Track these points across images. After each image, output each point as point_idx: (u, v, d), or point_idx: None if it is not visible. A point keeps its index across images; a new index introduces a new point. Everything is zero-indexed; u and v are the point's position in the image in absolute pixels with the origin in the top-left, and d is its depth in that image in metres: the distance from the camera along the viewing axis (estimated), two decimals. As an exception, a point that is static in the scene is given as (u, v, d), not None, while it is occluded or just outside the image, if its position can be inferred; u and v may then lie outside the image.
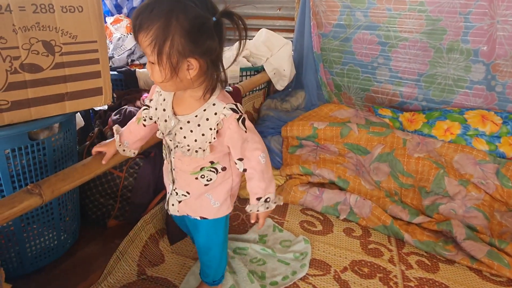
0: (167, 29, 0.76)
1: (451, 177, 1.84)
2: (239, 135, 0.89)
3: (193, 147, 0.91)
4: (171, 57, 0.79)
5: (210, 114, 0.88)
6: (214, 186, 1.01)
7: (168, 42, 0.77)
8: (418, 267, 1.52)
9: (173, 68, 0.80)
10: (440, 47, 2.24)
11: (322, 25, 2.52)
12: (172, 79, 0.82)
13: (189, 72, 0.82)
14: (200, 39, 0.78)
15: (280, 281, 1.40)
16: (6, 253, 1.18)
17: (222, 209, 1.08)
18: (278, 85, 2.44)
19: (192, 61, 0.81)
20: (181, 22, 0.76)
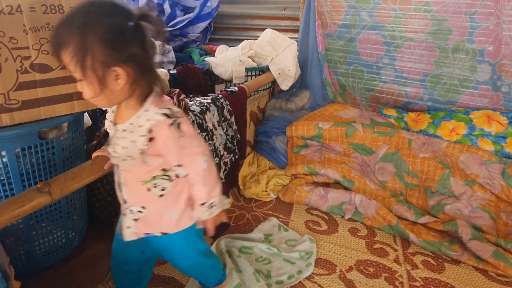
0: (85, 42, 0.75)
1: (456, 177, 1.84)
2: (172, 142, 0.85)
3: (123, 155, 0.87)
4: (96, 70, 0.77)
5: (143, 120, 0.84)
6: (169, 196, 0.95)
7: (88, 55, 0.75)
8: (423, 267, 1.52)
9: (100, 80, 0.78)
10: (445, 47, 2.23)
11: (327, 25, 2.52)
12: (103, 92, 0.80)
13: (118, 82, 0.80)
14: (121, 46, 0.77)
15: (286, 280, 1.41)
16: (16, 251, 1.19)
17: (184, 219, 0.98)
18: (283, 85, 2.44)
19: (118, 70, 0.78)
20: (98, 33, 0.75)
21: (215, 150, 1.68)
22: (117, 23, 0.76)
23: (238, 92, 1.91)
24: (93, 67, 0.76)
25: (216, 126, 1.69)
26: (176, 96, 1.60)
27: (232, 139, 1.82)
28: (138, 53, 0.79)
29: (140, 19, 0.78)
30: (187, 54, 2.47)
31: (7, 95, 1.00)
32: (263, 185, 1.97)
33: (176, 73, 1.98)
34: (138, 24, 0.78)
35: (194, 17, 2.68)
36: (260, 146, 2.23)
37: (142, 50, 0.80)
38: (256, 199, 1.96)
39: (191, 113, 1.54)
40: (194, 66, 2.11)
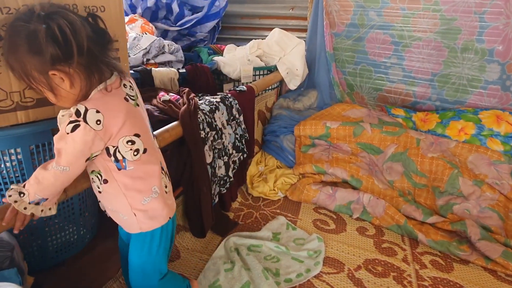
0: (15, 59, 0.80)
1: (465, 177, 1.83)
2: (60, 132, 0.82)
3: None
4: (37, 79, 0.81)
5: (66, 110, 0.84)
6: (106, 196, 0.93)
7: (25, 68, 0.80)
8: (432, 267, 1.52)
9: (48, 87, 0.82)
10: (454, 47, 2.23)
11: (335, 24, 2.53)
12: (57, 97, 0.84)
13: (64, 84, 0.81)
14: (42, 51, 0.77)
15: (294, 278, 1.42)
16: (29, 247, 1.21)
17: (132, 224, 0.95)
18: (291, 85, 2.45)
19: (56, 73, 0.79)
20: (20, 46, 0.78)
21: (224, 149, 1.69)
22: (31, 30, 0.77)
23: (247, 91, 1.92)
24: (34, 78, 0.81)
25: (225, 125, 1.70)
26: (186, 94, 1.61)
27: (240, 138, 1.83)
28: (58, 53, 0.77)
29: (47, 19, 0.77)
30: (196, 53, 2.49)
31: (22, 93, 1.02)
32: (271, 184, 1.98)
33: (185, 72, 2.00)
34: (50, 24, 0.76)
35: (202, 16, 2.69)
36: (268, 145, 2.24)
37: (64, 48, 0.78)
38: (264, 198, 1.97)
39: (201, 111, 1.55)
40: (203, 65, 2.12)
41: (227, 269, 1.43)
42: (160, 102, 1.59)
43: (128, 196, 0.91)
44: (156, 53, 2.11)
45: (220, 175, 1.67)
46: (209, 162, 1.56)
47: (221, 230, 1.67)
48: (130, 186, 0.91)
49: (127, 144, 0.87)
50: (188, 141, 1.45)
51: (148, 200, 0.93)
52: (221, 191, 1.71)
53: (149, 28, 2.43)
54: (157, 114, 1.52)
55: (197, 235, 1.61)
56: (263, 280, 1.36)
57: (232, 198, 1.88)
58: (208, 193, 1.55)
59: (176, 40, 2.67)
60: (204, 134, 1.53)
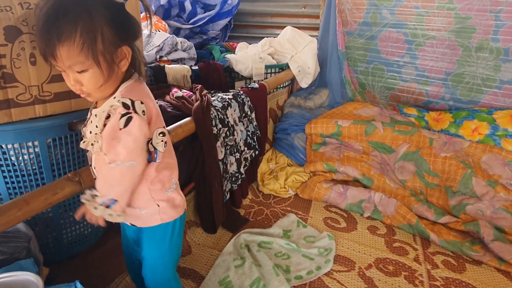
0: (93, 25, 0.72)
1: (479, 177, 1.81)
2: (112, 130, 0.78)
3: (89, 141, 0.83)
4: (106, 53, 0.75)
5: (106, 106, 0.80)
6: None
7: (99, 38, 0.73)
8: (444, 267, 1.51)
9: (110, 64, 0.76)
10: (468, 46, 2.20)
11: (347, 23, 2.51)
12: (110, 78, 0.78)
13: (122, 63, 0.79)
14: (124, 23, 0.76)
15: (305, 275, 1.42)
16: (44, 239, 1.23)
17: (151, 217, 0.93)
18: (303, 83, 2.44)
19: (125, 49, 0.78)
20: (103, 13, 0.73)
21: (236, 146, 1.69)
22: (114, 2, 0.76)
23: (259, 89, 1.92)
24: (104, 51, 0.74)
25: (237, 122, 1.71)
26: (198, 91, 1.62)
27: (252, 135, 1.84)
28: (138, 28, 0.79)
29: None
30: (208, 51, 2.50)
31: (41, 87, 1.04)
32: (282, 181, 1.98)
33: (198, 69, 2.01)
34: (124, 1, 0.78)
35: (214, 14, 2.70)
36: (278, 143, 2.24)
37: (137, 26, 0.80)
38: (274, 195, 1.97)
39: (213, 108, 1.56)
40: (216, 63, 2.13)
41: (237, 265, 1.43)
42: (173, 98, 1.60)
43: (151, 189, 0.89)
44: (169, 50, 2.12)
45: (231, 171, 1.68)
46: (221, 159, 1.57)
47: (232, 226, 1.68)
48: (155, 179, 0.89)
49: (159, 135, 0.87)
50: (200, 137, 1.46)
51: (170, 192, 0.94)
52: (232, 187, 1.72)
53: (162, 26, 2.45)
54: (170, 110, 1.53)
55: (208, 231, 1.62)
56: (274, 277, 1.36)
57: (243, 195, 1.88)
58: (220, 189, 1.56)
59: (188, 38, 2.69)
60: (217, 131, 1.54)
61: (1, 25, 0.95)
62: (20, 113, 1.03)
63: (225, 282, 1.36)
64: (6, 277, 0.84)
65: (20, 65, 0.99)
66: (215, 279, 1.38)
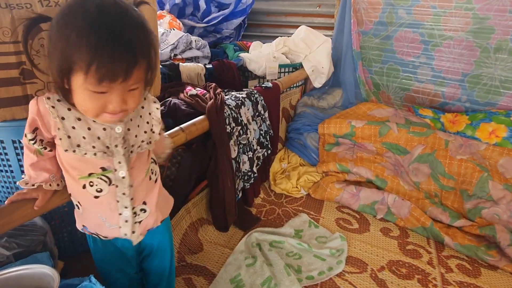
0: (151, 40, 0.71)
1: (495, 181, 1.78)
2: (160, 121, 0.89)
3: (146, 140, 0.85)
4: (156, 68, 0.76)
5: (147, 106, 0.85)
6: (158, 180, 0.93)
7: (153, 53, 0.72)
8: (458, 271, 1.48)
9: (150, 80, 0.76)
10: (487, 47, 2.16)
11: (362, 22, 2.49)
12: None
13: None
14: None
15: (316, 276, 1.41)
16: (59, 233, 1.25)
17: (168, 208, 0.99)
18: (316, 83, 2.43)
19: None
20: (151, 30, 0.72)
21: (248, 144, 1.69)
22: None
23: (272, 88, 1.92)
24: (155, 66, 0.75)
25: (250, 121, 1.71)
26: (212, 90, 1.63)
27: (265, 134, 1.83)
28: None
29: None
30: (222, 50, 2.50)
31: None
32: (294, 181, 1.98)
33: (212, 68, 2.02)
34: None
35: (228, 13, 2.71)
36: (291, 143, 2.23)
37: None
38: (286, 195, 1.96)
39: (227, 107, 1.56)
40: (230, 62, 2.13)
41: (248, 264, 1.43)
42: (187, 96, 1.61)
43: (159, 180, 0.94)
44: (184, 48, 2.13)
45: (244, 170, 1.68)
46: (234, 157, 1.57)
47: (244, 225, 1.68)
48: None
49: None
50: (214, 135, 1.47)
51: None
52: (245, 186, 1.72)
53: (177, 24, 2.46)
54: (184, 108, 1.54)
55: (220, 229, 1.63)
56: (285, 276, 1.36)
57: (255, 194, 1.88)
58: (233, 188, 1.56)
59: (202, 37, 2.70)
60: (230, 129, 1.54)
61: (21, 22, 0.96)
62: (39, 108, 1.05)
63: (237, 280, 1.37)
64: (23, 270, 0.85)
65: (39, 62, 1.01)
66: (227, 277, 1.39)
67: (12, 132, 1.07)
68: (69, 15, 0.65)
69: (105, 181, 0.80)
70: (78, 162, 0.78)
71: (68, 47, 0.64)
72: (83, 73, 0.65)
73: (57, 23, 0.67)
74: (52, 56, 0.67)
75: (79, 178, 0.79)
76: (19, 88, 1.00)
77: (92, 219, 0.85)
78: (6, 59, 0.96)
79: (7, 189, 1.16)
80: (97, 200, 0.81)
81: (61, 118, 0.74)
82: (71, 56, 0.64)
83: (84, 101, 0.69)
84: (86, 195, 0.81)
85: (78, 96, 0.69)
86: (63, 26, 0.65)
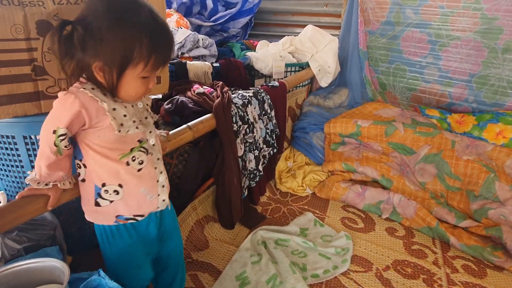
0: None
1: (502, 181, 1.77)
2: None
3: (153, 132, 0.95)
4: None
5: (146, 100, 0.96)
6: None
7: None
8: (464, 271, 1.48)
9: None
10: (495, 47, 2.15)
11: (369, 22, 2.49)
12: None
13: None
14: None
15: (321, 274, 1.42)
16: (68, 228, 1.27)
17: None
18: (322, 82, 2.43)
19: None
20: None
21: (255, 143, 1.70)
22: None
23: (279, 87, 1.93)
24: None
25: (257, 119, 1.72)
26: (219, 88, 1.64)
27: (271, 133, 1.84)
28: None
29: None
30: (228, 48, 2.51)
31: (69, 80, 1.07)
32: (299, 180, 1.98)
33: (219, 66, 2.03)
34: None
35: (235, 12, 2.72)
36: (297, 142, 2.23)
37: None
38: (292, 194, 1.97)
39: (234, 105, 1.57)
40: (237, 60, 2.14)
41: (254, 261, 1.44)
42: (194, 94, 1.62)
43: None
44: (191, 47, 2.15)
45: (250, 168, 1.69)
46: (240, 155, 1.58)
47: (249, 222, 1.69)
48: None
49: None
50: (221, 133, 1.48)
51: None
52: (250, 184, 1.73)
53: (184, 23, 2.48)
54: (192, 106, 1.55)
55: (225, 226, 1.64)
56: (290, 274, 1.36)
57: (260, 192, 1.89)
58: (239, 185, 1.57)
59: (209, 35, 2.71)
60: (237, 127, 1.55)
61: (33, 19, 0.98)
62: (49, 105, 1.06)
63: (242, 277, 1.37)
64: (34, 263, 0.87)
65: (50, 59, 1.03)
66: (232, 273, 1.40)
67: (23, 128, 1.08)
68: (121, 14, 0.74)
69: (144, 152, 0.88)
70: (118, 142, 0.83)
71: (129, 43, 0.74)
72: (143, 63, 0.77)
73: (111, 23, 0.73)
74: (101, 51, 0.74)
75: (121, 158, 0.84)
76: (30, 84, 1.02)
77: (134, 197, 0.89)
78: (18, 56, 0.98)
79: (17, 184, 1.18)
80: (140, 172, 0.88)
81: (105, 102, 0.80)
82: (132, 50, 0.74)
83: (134, 88, 0.81)
84: (130, 172, 0.86)
85: (128, 84, 0.79)
86: (119, 26, 0.74)
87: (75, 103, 0.76)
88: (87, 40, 0.74)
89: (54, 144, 0.78)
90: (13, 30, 0.96)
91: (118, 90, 0.80)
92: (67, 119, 0.77)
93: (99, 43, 0.74)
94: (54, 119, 0.78)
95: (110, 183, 0.86)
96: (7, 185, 1.21)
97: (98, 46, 0.74)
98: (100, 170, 0.85)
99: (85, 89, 0.78)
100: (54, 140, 0.78)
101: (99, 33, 0.73)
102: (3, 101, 0.99)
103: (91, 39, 0.74)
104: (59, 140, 0.78)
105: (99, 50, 0.75)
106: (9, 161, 1.14)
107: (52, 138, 0.78)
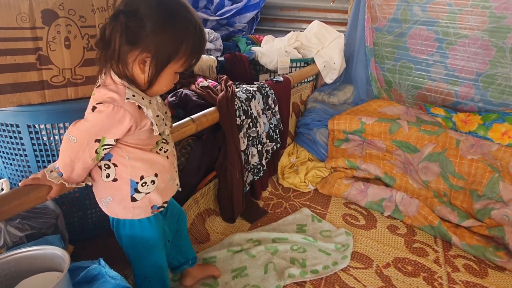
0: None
1: (506, 182, 1.76)
2: None
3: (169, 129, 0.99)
4: None
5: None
6: None
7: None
8: (465, 271, 1.47)
9: None
10: (503, 46, 2.12)
11: (376, 19, 2.47)
12: None
13: None
14: None
15: (321, 270, 1.42)
16: (70, 217, 1.28)
17: None
18: (328, 78, 2.42)
19: None
20: None
21: (258, 137, 1.70)
22: None
23: (283, 82, 1.92)
24: None
25: (261, 114, 1.72)
26: (223, 82, 1.63)
27: (275, 128, 1.84)
28: None
29: None
30: (234, 43, 2.51)
31: (73, 70, 1.07)
32: (302, 176, 1.98)
33: (224, 60, 2.02)
34: None
35: (242, 7, 2.70)
36: (300, 138, 2.23)
37: None
38: (294, 189, 1.97)
39: (238, 99, 1.57)
40: (242, 55, 2.14)
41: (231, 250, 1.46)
42: (198, 87, 1.62)
43: None
44: (196, 40, 2.14)
45: (253, 163, 1.69)
46: (243, 149, 1.58)
47: (251, 217, 1.69)
48: None
49: None
50: (224, 126, 1.48)
51: None
52: (253, 179, 1.73)
53: (190, 16, 2.47)
54: (195, 99, 1.55)
55: (227, 220, 1.64)
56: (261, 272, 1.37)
57: (262, 187, 1.89)
58: (241, 180, 1.57)
59: (215, 30, 2.70)
60: (240, 121, 1.55)
61: (39, 9, 0.98)
62: (53, 94, 1.07)
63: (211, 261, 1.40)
64: (35, 250, 0.87)
65: (55, 48, 1.03)
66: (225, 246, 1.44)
67: (27, 117, 1.09)
68: (175, 8, 0.77)
69: (165, 142, 0.93)
70: (149, 139, 0.87)
71: (180, 38, 0.77)
72: (183, 60, 0.80)
73: (165, 17, 0.75)
74: (151, 44, 0.75)
75: (151, 150, 0.88)
76: (35, 73, 1.02)
77: (165, 184, 0.93)
78: (24, 45, 0.98)
79: (21, 172, 1.19)
80: (168, 160, 0.93)
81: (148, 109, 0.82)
82: (180, 45, 0.77)
83: (168, 82, 0.84)
84: (161, 160, 0.91)
85: (165, 78, 0.82)
86: (173, 20, 0.76)
87: (126, 118, 0.78)
88: (139, 31, 0.74)
89: (95, 151, 0.79)
90: (19, 19, 0.96)
91: (154, 84, 0.81)
92: (117, 132, 0.79)
93: (151, 35, 0.75)
94: (99, 130, 0.78)
95: (148, 175, 0.88)
96: (10, 173, 1.22)
97: (150, 38, 0.75)
98: (137, 164, 0.86)
99: (129, 99, 0.78)
100: (96, 148, 0.79)
101: (152, 26, 0.74)
102: (7, 90, 1.00)
103: (143, 30, 0.74)
104: (102, 149, 0.80)
105: (150, 42, 0.75)
106: (13, 150, 1.15)
107: (95, 146, 0.79)
